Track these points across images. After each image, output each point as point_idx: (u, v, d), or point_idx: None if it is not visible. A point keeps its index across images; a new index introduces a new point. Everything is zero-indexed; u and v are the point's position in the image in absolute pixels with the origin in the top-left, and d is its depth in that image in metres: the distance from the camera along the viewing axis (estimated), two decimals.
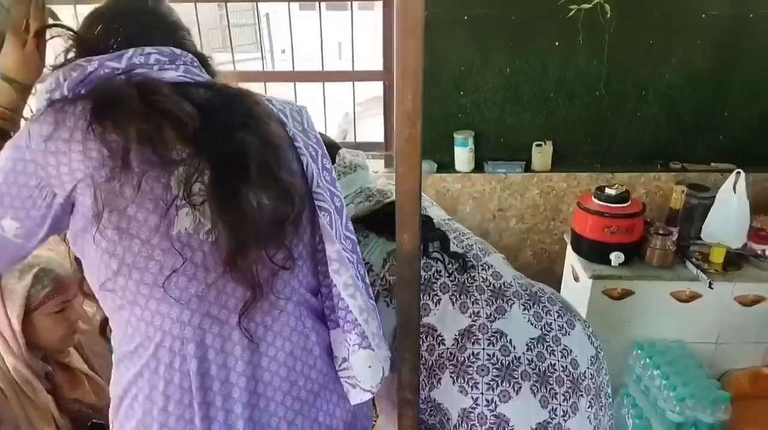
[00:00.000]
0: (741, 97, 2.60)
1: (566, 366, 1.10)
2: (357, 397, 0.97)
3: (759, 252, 2.19)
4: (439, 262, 1.14)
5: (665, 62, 2.55)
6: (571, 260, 2.38)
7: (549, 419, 1.06)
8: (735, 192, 2.17)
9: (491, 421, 1.05)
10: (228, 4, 2.80)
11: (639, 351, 2.19)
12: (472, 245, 1.22)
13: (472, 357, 1.08)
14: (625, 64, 2.53)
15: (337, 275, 0.94)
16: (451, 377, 1.08)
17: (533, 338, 1.11)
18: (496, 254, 1.24)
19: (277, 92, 2.69)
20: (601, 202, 2.16)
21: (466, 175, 2.66)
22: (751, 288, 2.15)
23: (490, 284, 1.15)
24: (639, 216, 2.15)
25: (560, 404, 1.07)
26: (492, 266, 1.19)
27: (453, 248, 1.18)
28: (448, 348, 1.09)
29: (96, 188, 0.78)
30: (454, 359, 1.08)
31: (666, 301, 2.17)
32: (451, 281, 1.14)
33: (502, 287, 1.15)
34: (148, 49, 0.86)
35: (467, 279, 1.15)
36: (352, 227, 1.00)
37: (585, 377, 1.11)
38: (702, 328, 2.22)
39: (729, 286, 2.15)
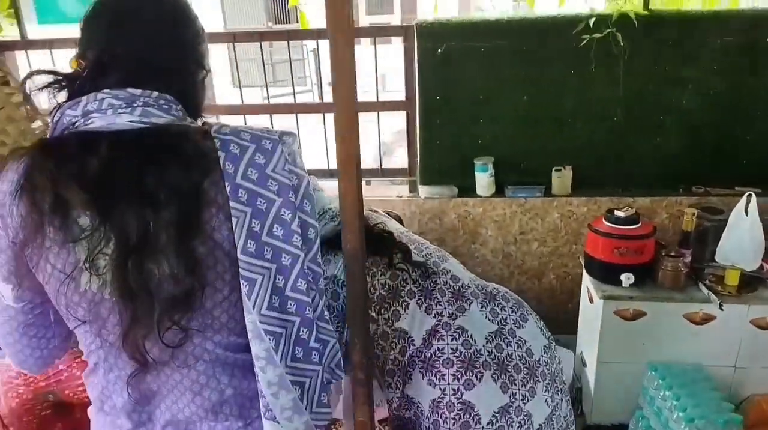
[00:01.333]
0: (763, 121, 2.61)
1: (522, 355, 1.22)
2: None
3: None
4: (404, 271, 1.27)
5: (682, 88, 2.59)
6: (586, 281, 2.43)
7: (510, 403, 1.17)
8: (747, 215, 2.18)
9: (458, 407, 1.16)
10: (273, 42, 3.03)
11: (653, 372, 2.21)
12: (431, 254, 1.35)
13: (438, 352, 1.19)
14: (641, 91, 2.59)
15: (252, 345, 0.93)
16: (420, 372, 1.20)
17: (491, 332, 1.23)
18: (453, 260, 1.38)
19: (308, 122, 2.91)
20: (610, 224, 2.21)
21: (487, 200, 2.76)
22: (764, 311, 2.14)
23: (450, 286, 1.28)
24: (649, 238, 2.19)
25: (519, 389, 1.19)
26: (449, 271, 1.32)
27: (414, 257, 1.31)
28: (417, 347, 1.21)
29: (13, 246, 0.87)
30: (422, 356, 1.20)
31: (679, 322, 2.18)
32: (416, 288, 1.26)
33: (461, 288, 1.28)
34: (101, 94, 0.86)
35: (430, 284, 1.27)
36: (302, 287, 0.95)
37: (540, 364, 1.23)
38: (718, 351, 2.21)
39: (744, 308, 2.14)
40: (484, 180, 2.72)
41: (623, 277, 2.18)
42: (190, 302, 0.88)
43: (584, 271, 2.43)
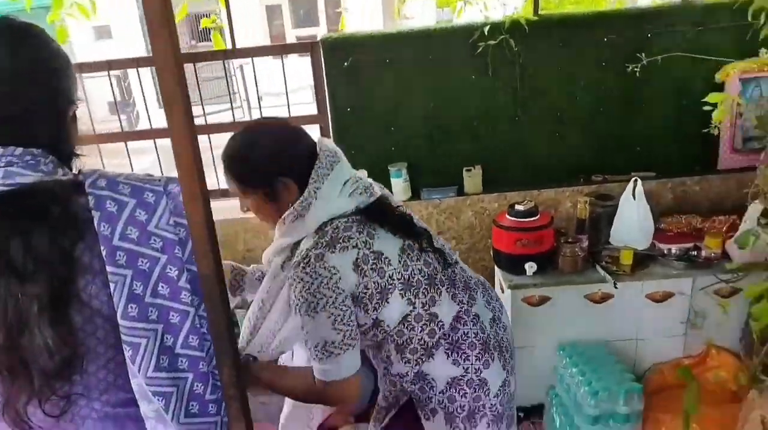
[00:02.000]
0: (651, 110, 2.81)
1: (508, 338, 1.51)
2: None
3: (665, 251, 2.37)
4: (433, 259, 1.41)
5: (575, 85, 2.77)
6: (497, 274, 2.57)
7: (507, 378, 1.46)
8: (635, 198, 2.36)
9: (476, 383, 1.39)
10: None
11: (561, 352, 2.36)
12: (443, 243, 1.49)
13: (463, 336, 1.39)
14: (537, 90, 2.76)
15: (140, 405, 0.92)
16: (445, 352, 1.38)
17: (491, 319, 1.46)
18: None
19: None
20: (512, 218, 2.36)
21: (404, 204, 2.87)
22: (659, 285, 2.32)
23: (463, 277, 1.45)
24: (547, 228, 2.34)
25: (509, 366, 1.48)
26: (458, 261, 1.49)
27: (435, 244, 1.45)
28: (445, 331, 1.38)
29: None
30: (449, 339, 1.38)
31: (581, 303, 2.34)
32: (444, 276, 1.41)
33: (469, 278, 1.46)
34: None
35: (451, 273, 1.43)
36: (193, 343, 0.93)
37: (511, 344, 1.52)
38: (619, 326, 2.38)
39: (638, 284, 2.32)
40: (399, 185, 2.83)
41: (527, 266, 2.33)
42: (69, 371, 0.86)
43: (495, 264, 2.57)
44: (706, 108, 2.23)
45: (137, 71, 2.93)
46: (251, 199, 1.38)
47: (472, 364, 1.38)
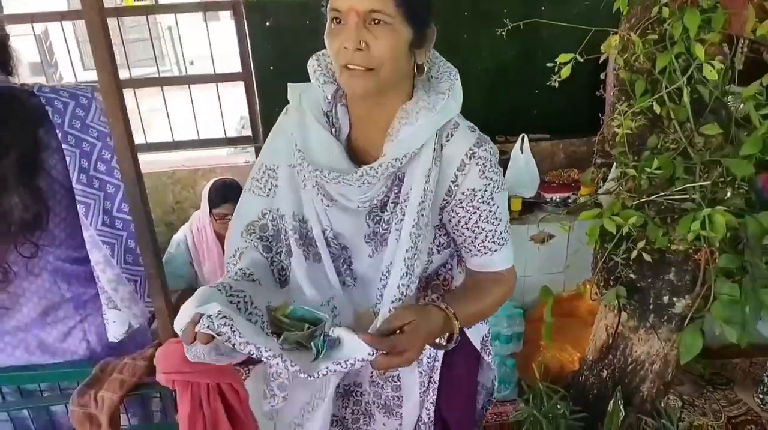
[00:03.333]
0: (545, 77, 3.13)
1: None
2: (111, 336, 1.33)
3: (548, 199, 2.71)
4: None
5: (477, 54, 3.06)
6: None
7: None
8: (522, 152, 2.68)
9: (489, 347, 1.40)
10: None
11: None
12: None
13: None
14: (450, 61, 3.03)
15: (91, 254, 1.25)
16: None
17: None
18: None
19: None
20: None
21: None
22: (541, 228, 2.66)
23: None
24: None
25: None
26: None
27: None
28: None
29: None
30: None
31: None
32: None
33: None
34: None
35: None
36: (125, 208, 1.27)
37: None
38: None
39: (524, 228, 2.65)
40: None
41: None
42: (39, 222, 1.17)
43: None
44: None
45: (62, 28, 2.99)
46: (393, 35, 0.99)
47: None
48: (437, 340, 1.08)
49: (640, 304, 1.86)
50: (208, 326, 0.88)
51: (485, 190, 1.11)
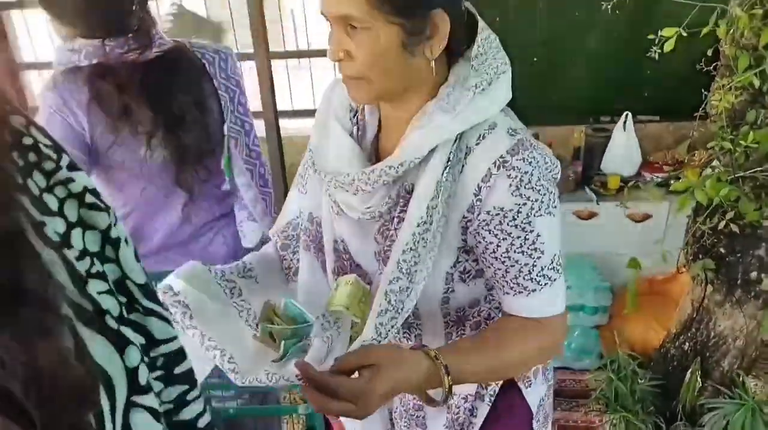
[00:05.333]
0: (659, 58, 3.09)
1: None
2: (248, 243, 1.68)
3: (648, 179, 2.71)
4: None
5: (590, 31, 3.07)
6: None
7: None
8: (624, 130, 2.70)
9: None
10: None
11: None
12: None
13: None
14: (556, 33, 3.08)
15: (238, 179, 1.62)
16: None
17: None
18: None
19: None
20: None
21: None
22: (639, 206, 2.67)
23: None
24: None
25: None
26: None
27: None
28: None
29: None
30: None
31: (571, 220, 2.72)
32: None
33: None
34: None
35: None
36: (257, 142, 1.63)
37: None
38: (602, 242, 2.76)
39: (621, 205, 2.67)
40: None
41: None
42: (211, 153, 1.55)
43: None
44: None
45: None
46: (373, 40, 0.86)
47: None
48: (429, 392, 0.88)
49: (727, 278, 1.87)
50: (164, 293, 0.96)
51: (519, 212, 0.90)
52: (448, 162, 0.91)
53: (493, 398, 1.10)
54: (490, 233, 0.93)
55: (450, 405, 1.09)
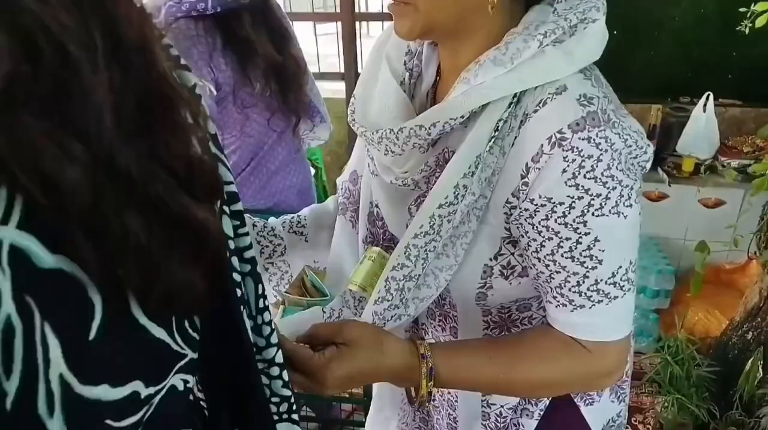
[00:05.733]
0: (747, 40, 2.94)
1: None
2: None
3: (725, 164, 2.61)
4: None
5: (676, 6, 2.95)
6: None
7: None
8: (704, 112, 2.60)
9: None
10: None
11: None
12: None
13: None
14: (639, 7, 2.97)
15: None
16: None
17: None
18: None
19: None
20: None
21: None
22: (713, 192, 2.58)
23: None
24: None
25: None
26: None
27: None
28: None
29: None
30: None
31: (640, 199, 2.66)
32: None
33: None
34: None
35: None
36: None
37: None
38: (671, 225, 2.69)
39: (693, 189, 2.60)
40: None
41: None
42: (287, 99, 1.67)
43: None
44: None
45: None
46: None
47: None
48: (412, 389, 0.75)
49: None
50: None
51: (571, 207, 0.69)
52: (496, 131, 0.71)
53: (542, 413, 0.91)
54: (533, 228, 0.73)
55: (488, 414, 0.93)
